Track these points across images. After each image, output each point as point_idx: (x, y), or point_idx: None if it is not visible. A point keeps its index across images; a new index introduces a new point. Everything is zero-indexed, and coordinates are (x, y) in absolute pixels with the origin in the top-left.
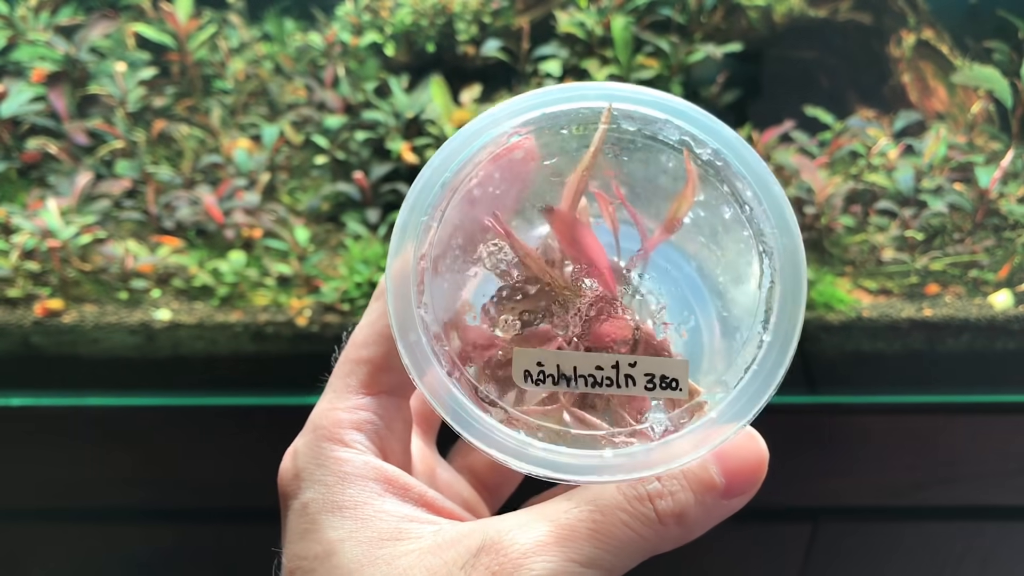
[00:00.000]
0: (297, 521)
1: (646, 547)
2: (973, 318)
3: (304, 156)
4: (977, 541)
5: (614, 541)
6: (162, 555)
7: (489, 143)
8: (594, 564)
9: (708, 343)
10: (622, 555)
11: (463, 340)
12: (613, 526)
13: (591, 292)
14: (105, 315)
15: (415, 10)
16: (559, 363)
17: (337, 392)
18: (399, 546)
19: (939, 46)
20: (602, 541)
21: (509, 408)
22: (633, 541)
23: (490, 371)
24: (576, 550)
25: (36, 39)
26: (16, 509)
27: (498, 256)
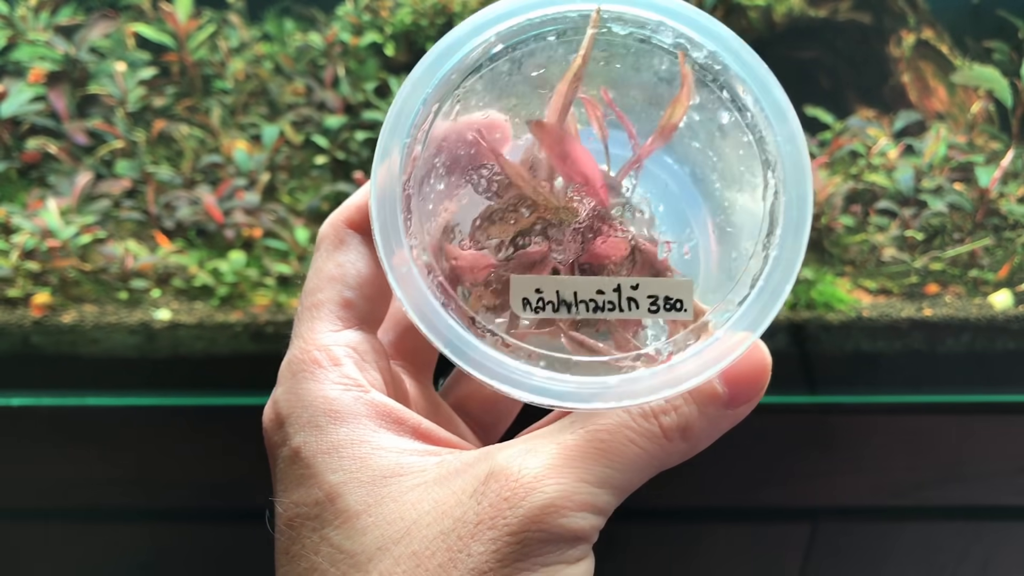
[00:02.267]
0: (290, 468)
1: (653, 463)
2: (973, 318)
3: (304, 156)
4: (977, 541)
5: (622, 459)
6: (162, 555)
7: (471, 54)
8: (605, 483)
9: (706, 259)
10: (631, 472)
11: (453, 266)
12: (620, 444)
13: (586, 210)
14: (105, 315)
15: (415, 10)
16: (559, 289)
17: (305, 336)
18: (403, 481)
19: (939, 46)
20: (611, 460)
21: (505, 335)
22: (640, 458)
23: (482, 297)
24: (586, 470)
25: (36, 39)
26: (16, 509)
27: (486, 176)
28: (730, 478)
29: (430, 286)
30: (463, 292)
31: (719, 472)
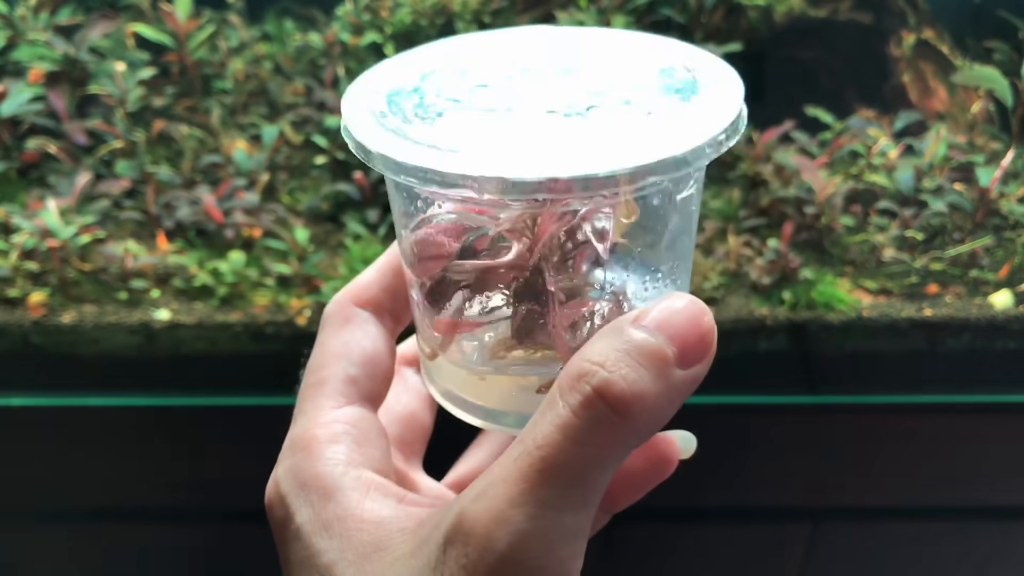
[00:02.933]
0: (295, 549)
1: (612, 453)
2: (973, 318)
3: (304, 156)
4: (977, 541)
5: (571, 466)
6: (163, 555)
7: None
8: (564, 503)
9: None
10: (590, 474)
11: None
12: (562, 450)
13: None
14: (105, 315)
15: (415, 10)
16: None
17: (307, 414)
18: (385, 556)
19: (939, 46)
20: (559, 473)
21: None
22: (593, 455)
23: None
24: (535, 502)
25: (36, 39)
26: (16, 509)
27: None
28: (730, 478)
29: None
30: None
31: (719, 472)
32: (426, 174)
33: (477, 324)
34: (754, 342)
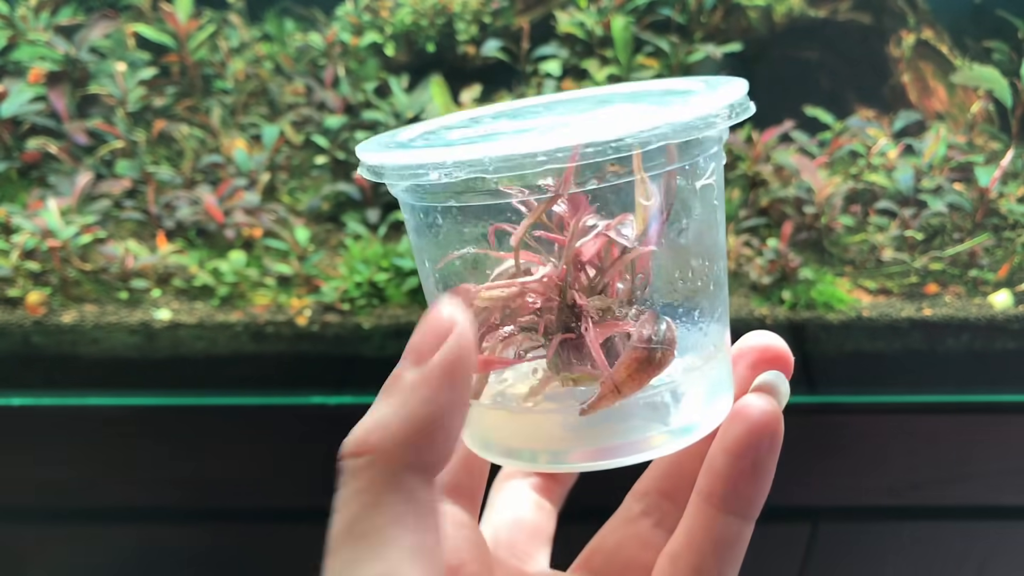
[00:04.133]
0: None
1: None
2: (973, 318)
3: (304, 156)
4: (977, 541)
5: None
6: (162, 555)
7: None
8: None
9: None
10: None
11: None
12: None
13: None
14: (105, 315)
15: (415, 10)
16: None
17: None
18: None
19: (939, 46)
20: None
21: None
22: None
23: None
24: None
25: (36, 39)
26: (16, 509)
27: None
28: None
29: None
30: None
31: None
32: (440, 167)
33: (510, 361)
34: None
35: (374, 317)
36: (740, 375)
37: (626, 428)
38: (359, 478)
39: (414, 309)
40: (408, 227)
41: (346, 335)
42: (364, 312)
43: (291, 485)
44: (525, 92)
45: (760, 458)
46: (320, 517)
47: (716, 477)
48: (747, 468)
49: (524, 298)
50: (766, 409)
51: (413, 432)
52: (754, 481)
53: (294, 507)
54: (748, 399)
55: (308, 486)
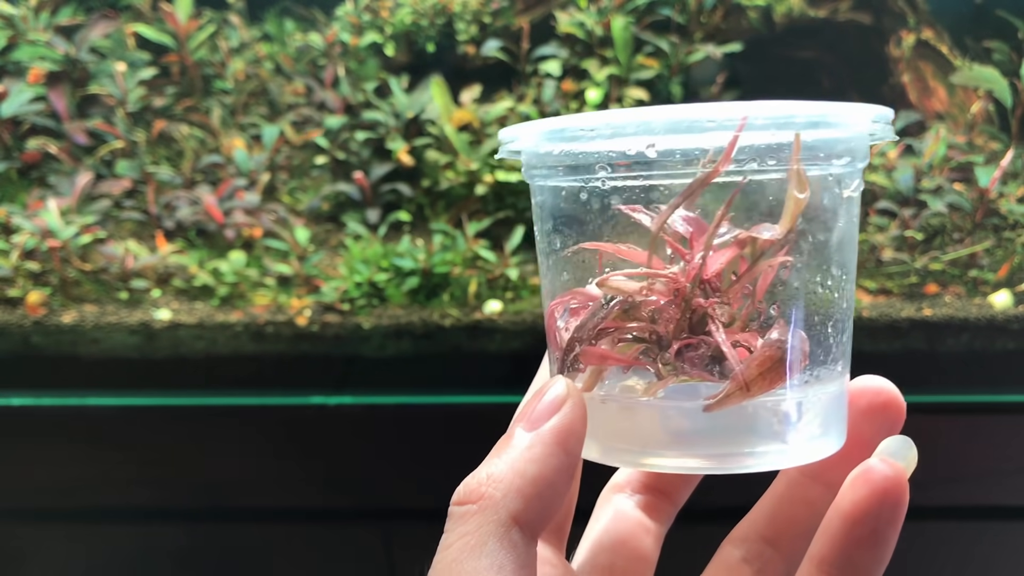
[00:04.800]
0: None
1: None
2: (973, 318)
3: (304, 156)
4: (977, 541)
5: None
6: (162, 555)
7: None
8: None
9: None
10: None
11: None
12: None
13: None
14: (105, 315)
15: (415, 10)
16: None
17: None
18: None
19: (939, 46)
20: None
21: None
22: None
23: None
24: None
25: (36, 39)
26: (16, 509)
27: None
28: (729, 478)
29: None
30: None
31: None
32: (594, 129)
33: (626, 359)
34: None
35: (374, 317)
36: (852, 420)
37: (743, 437)
38: (467, 523)
39: (414, 309)
40: (541, 213)
41: (346, 335)
42: (364, 312)
43: (291, 485)
44: (525, 92)
45: (880, 528)
46: (320, 517)
47: (831, 543)
48: (865, 536)
49: (649, 295)
50: (890, 476)
51: (524, 486)
52: (872, 551)
53: (294, 507)
54: (872, 463)
55: (308, 486)
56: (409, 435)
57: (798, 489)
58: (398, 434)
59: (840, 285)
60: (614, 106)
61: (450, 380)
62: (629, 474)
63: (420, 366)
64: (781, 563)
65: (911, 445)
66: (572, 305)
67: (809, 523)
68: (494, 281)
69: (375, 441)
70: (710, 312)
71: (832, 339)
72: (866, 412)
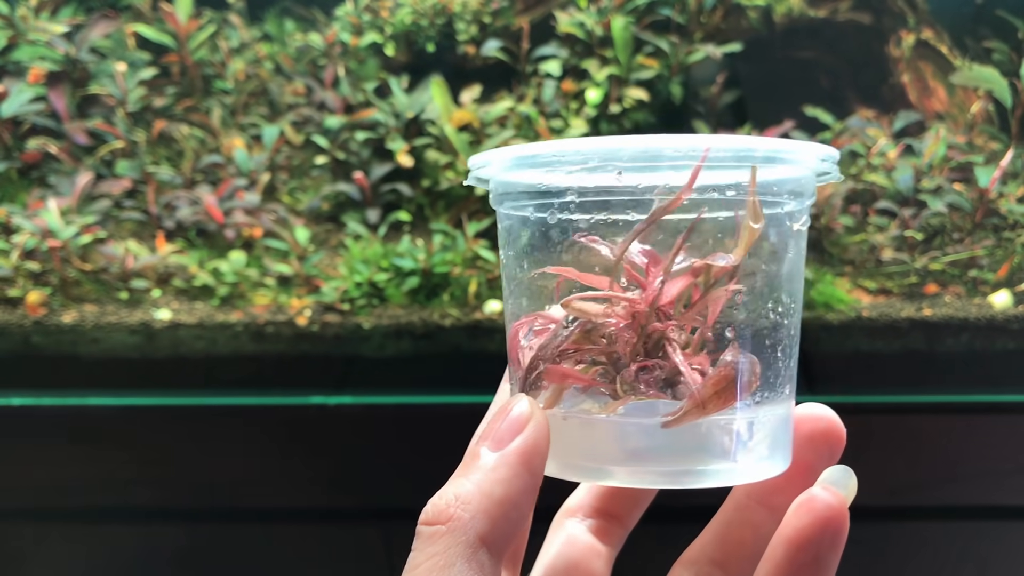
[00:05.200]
0: None
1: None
2: (972, 318)
3: (304, 156)
4: (977, 541)
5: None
6: (162, 555)
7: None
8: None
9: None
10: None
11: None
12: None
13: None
14: (105, 315)
15: (415, 10)
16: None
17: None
18: None
19: (939, 46)
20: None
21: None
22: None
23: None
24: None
25: (36, 39)
26: (16, 509)
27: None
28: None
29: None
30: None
31: None
32: (563, 156)
33: (585, 379)
34: None
35: (374, 317)
36: (796, 446)
37: (699, 452)
38: (436, 543)
39: (413, 309)
40: (508, 238)
41: (346, 335)
42: (364, 312)
43: (291, 485)
44: (525, 92)
45: (822, 554)
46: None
47: (775, 568)
48: (808, 563)
49: (610, 316)
50: (832, 504)
51: (491, 507)
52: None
53: (294, 507)
54: (815, 492)
55: (308, 486)
56: (409, 435)
57: (744, 512)
58: (398, 434)
59: (788, 313)
60: (614, 106)
61: (450, 380)
62: (581, 499)
63: (420, 366)
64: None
65: (851, 475)
66: (535, 327)
67: (755, 546)
68: (494, 281)
69: (375, 441)
70: (667, 335)
71: (780, 363)
72: (808, 439)
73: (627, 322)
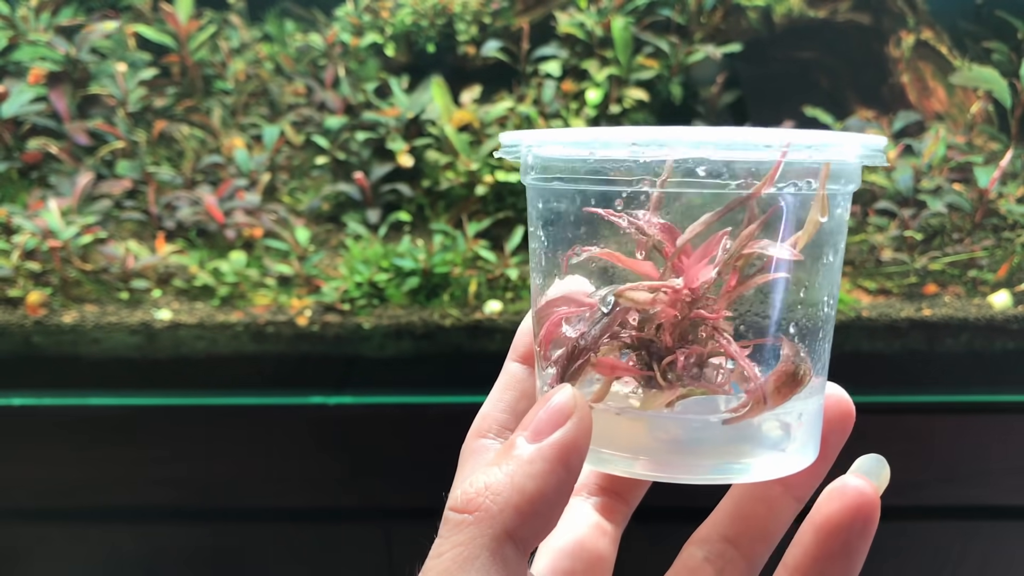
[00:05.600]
0: None
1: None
2: (972, 318)
3: (304, 156)
4: (977, 541)
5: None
6: (163, 555)
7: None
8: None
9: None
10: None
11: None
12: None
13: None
14: (106, 315)
15: (415, 11)
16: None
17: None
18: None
19: (938, 46)
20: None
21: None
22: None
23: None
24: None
25: (37, 39)
26: (16, 509)
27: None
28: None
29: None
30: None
31: None
32: (637, 146)
33: (634, 370)
34: None
35: (374, 317)
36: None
37: (750, 445)
38: (462, 532)
39: (414, 309)
40: (540, 223)
41: (346, 335)
42: (364, 312)
43: (291, 485)
44: (525, 93)
45: (851, 541)
46: (320, 517)
47: (804, 552)
48: (837, 549)
49: (657, 306)
50: (864, 492)
51: (522, 502)
52: (843, 563)
53: (294, 507)
54: (848, 479)
55: (308, 486)
56: (409, 435)
57: (758, 488)
58: (398, 434)
59: (833, 303)
60: (614, 106)
61: (450, 380)
62: (586, 476)
63: (420, 366)
64: (742, 562)
65: (884, 464)
66: (558, 307)
67: (768, 522)
68: (494, 281)
69: (375, 441)
70: (717, 325)
71: (824, 354)
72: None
73: (675, 311)
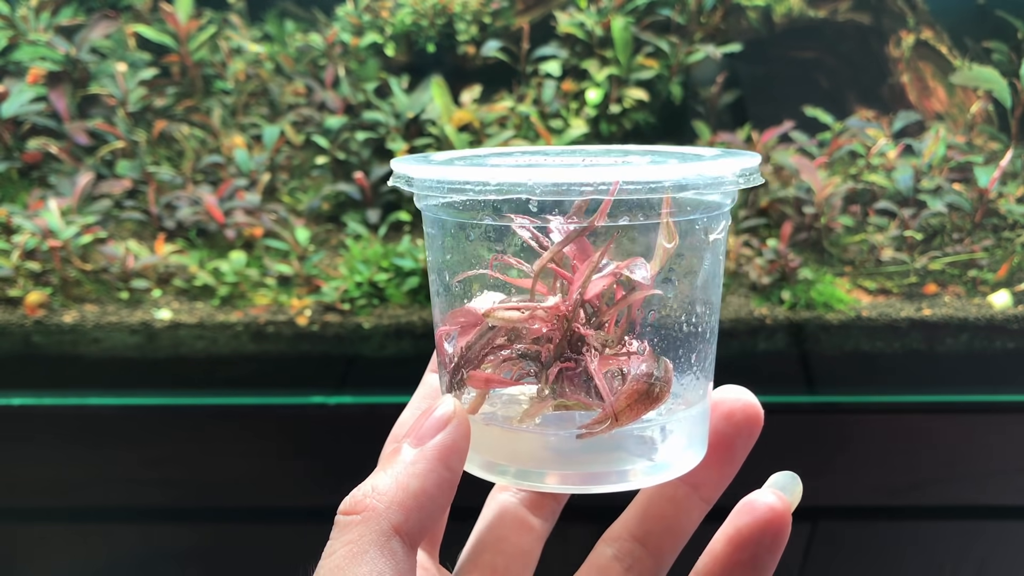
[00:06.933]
0: None
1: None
2: (972, 318)
3: (305, 156)
4: (976, 541)
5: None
6: (163, 555)
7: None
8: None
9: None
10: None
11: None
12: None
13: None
14: (106, 315)
15: (415, 10)
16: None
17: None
18: None
19: (938, 46)
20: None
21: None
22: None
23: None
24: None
25: (37, 39)
26: (16, 509)
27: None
28: None
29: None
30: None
31: None
32: (484, 186)
33: (508, 382)
34: (753, 341)
35: (374, 317)
36: (714, 422)
37: (613, 457)
38: (350, 531)
39: (414, 309)
40: (432, 243)
41: (346, 335)
42: (364, 312)
43: (291, 485)
44: (525, 92)
45: (759, 554)
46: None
47: (714, 562)
48: (746, 561)
49: (532, 323)
50: (775, 507)
51: (406, 499)
52: (750, 575)
53: (294, 507)
54: (760, 494)
55: (308, 486)
56: None
57: (666, 488)
58: None
59: (705, 319)
60: (614, 106)
61: None
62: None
63: (420, 366)
64: (650, 560)
65: (798, 481)
66: (460, 320)
67: (675, 521)
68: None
69: (375, 441)
70: (587, 339)
71: (696, 369)
72: (727, 416)
73: (550, 325)
